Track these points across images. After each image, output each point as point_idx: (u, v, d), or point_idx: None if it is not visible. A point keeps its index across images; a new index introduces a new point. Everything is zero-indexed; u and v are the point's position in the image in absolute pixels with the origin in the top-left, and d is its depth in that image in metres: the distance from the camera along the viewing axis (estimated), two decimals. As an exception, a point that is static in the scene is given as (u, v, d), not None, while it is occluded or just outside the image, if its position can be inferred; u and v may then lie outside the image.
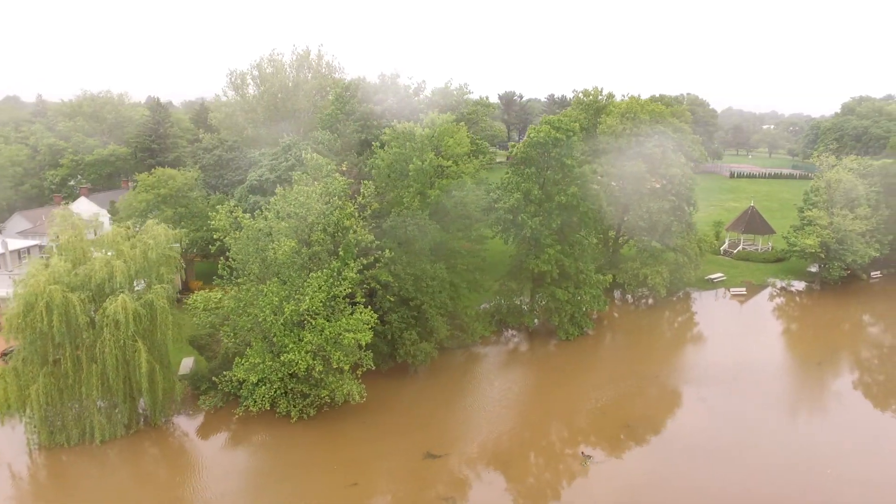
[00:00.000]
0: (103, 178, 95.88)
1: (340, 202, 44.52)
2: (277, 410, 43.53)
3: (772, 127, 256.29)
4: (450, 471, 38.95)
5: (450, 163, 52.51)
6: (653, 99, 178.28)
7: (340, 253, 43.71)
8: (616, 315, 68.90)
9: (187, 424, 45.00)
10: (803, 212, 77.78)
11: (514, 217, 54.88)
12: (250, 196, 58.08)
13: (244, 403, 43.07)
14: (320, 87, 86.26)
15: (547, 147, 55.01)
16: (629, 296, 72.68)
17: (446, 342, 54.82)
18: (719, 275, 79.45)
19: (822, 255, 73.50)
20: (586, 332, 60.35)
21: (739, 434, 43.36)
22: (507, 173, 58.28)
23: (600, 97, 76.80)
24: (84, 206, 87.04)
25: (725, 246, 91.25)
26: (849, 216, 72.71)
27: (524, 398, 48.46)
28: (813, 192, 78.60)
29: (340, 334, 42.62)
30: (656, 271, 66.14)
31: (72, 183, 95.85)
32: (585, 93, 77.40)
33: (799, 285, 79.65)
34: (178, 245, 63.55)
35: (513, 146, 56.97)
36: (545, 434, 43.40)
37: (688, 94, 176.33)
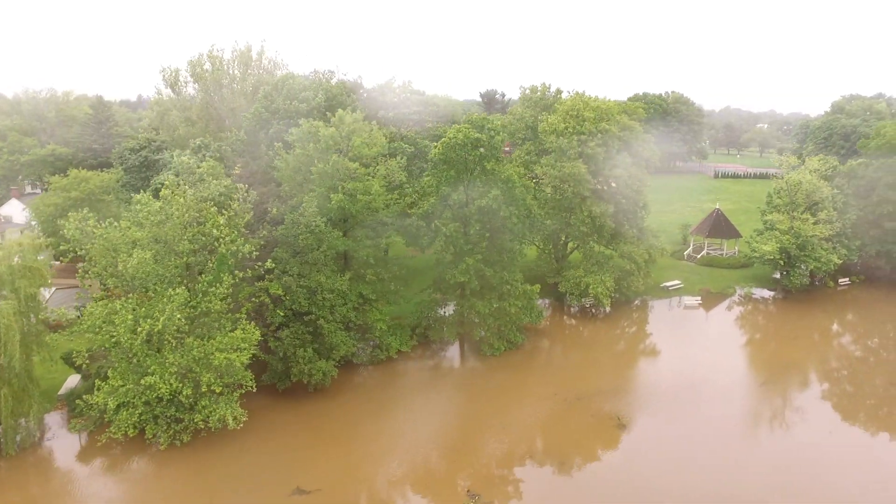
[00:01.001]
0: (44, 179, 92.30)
1: (215, 209, 40.59)
2: (147, 437, 39.75)
3: (765, 126, 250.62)
4: (313, 511, 34.95)
5: (356, 165, 48.30)
6: (636, 97, 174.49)
7: (211, 265, 39.79)
8: (557, 327, 64.61)
9: (54, 451, 41.16)
10: (766, 215, 73.33)
11: (429, 223, 50.73)
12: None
13: (109, 430, 39.32)
14: (262, 84, 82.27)
15: (466, 148, 50.84)
16: (575, 305, 68.29)
17: (355, 358, 50.84)
18: (676, 282, 74.97)
19: (782, 262, 68.96)
20: (518, 345, 56.16)
21: (660, 470, 38.92)
22: (428, 176, 54.22)
23: (548, 94, 72.42)
24: (14, 209, 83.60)
25: (689, 250, 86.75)
26: (810, 220, 68.09)
27: (425, 424, 44.12)
28: (776, 195, 74.11)
29: (211, 354, 38.82)
30: (599, 280, 61.74)
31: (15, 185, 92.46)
32: (533, 89, 73.00)
33: (761, 293, 75.07)
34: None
35: (435, 147, 52.85)
36: (435, 468, 39.22)
37: (672, 91, 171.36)
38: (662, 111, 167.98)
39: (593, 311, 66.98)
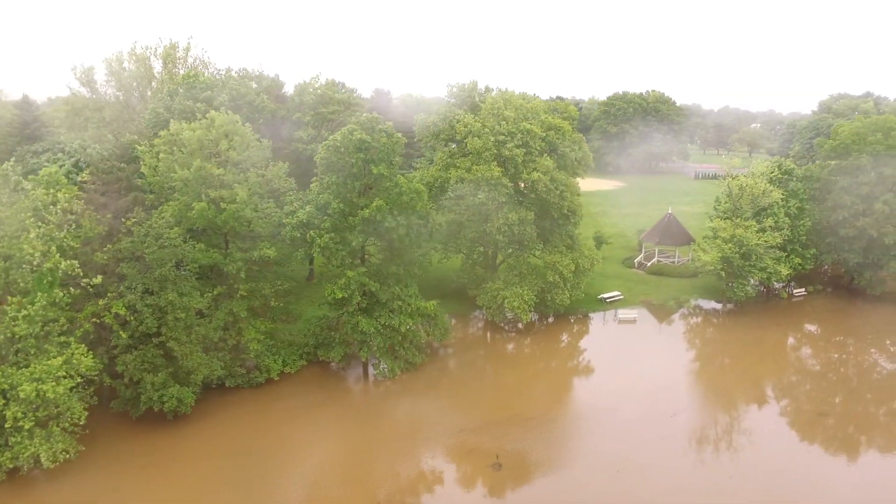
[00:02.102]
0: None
1: (39, 221, 36.32)
2: (-49, 478, 35.55)
3: (757, 126, 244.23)
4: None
5: (221, 171, 43.84)
6: (615, 96, 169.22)
7: (25, 285, 35.49)
8: (475, 344, 59.64)
9: None
10: (711, 221, 68.27)
11: (304, 234, 46.24)
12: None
13: None
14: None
15: (349, 151, 46.28)
16: (501, 320, 63.29)
17: (228, 381, 46.41)
18: (616, 293, 69.91)
19: (724, 273, 63.85)
20: (418, 366, 51.46)
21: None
22: (314, 182, 49.72)
23: (476, 92, 67.69)
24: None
25: (640, 258, 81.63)
26: (754, 227, 62.89)
27: (278, 462, 39.35)
28: (723, 199, 69.06)
29: (19, 385, 34.53)
30: (517, 294, 56.89)
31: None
32: (460, 87, 68.29)
33: (711, 306, 69.92)
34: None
35: (318, 151, 48.35)
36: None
37: (652, 90, 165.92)
38: (642, 110, 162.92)
39: (505, 328, 62.09)
